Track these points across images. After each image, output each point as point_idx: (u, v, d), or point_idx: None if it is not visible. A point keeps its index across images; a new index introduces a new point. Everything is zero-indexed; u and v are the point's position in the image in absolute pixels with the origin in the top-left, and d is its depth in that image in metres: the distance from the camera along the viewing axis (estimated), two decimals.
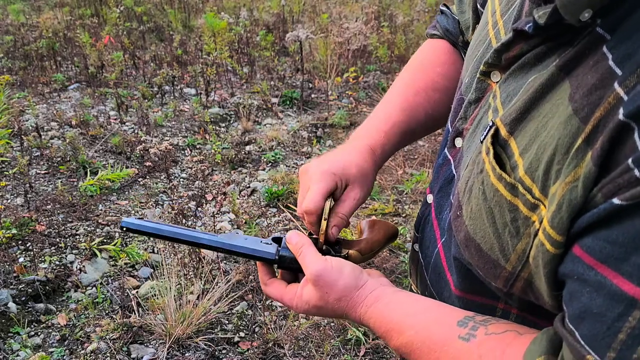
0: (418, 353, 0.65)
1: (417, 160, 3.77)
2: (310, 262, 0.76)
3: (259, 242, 0.84)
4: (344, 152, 0.88)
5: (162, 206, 3.21)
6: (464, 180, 0.64)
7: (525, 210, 0.54)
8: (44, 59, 5.24)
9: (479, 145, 0.62)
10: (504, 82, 0.63)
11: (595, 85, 0.48)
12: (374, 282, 0.75)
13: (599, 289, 0.46)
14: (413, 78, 0.97)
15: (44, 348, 2.23)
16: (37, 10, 7.02)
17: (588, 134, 0.47)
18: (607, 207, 0.45)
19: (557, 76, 0.54)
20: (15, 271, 2.54)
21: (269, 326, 2.34)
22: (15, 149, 3.66)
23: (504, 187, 0.56)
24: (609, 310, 0.45)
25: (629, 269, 0.43)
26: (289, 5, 6.64)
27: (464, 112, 0.71)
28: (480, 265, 0.61)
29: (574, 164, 0.48)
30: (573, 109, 0.50)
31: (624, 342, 0.44)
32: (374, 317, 0.71)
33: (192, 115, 4.34)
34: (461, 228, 0.63)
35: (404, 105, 0.93)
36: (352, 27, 5.39)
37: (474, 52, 0.75)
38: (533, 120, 0.55)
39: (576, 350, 0.48)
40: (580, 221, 0.47)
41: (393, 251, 2.84)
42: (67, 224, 2.98)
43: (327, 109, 4.46)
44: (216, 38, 5.11)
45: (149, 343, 2.26)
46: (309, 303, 0.76)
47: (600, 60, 0.49)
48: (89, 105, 4.41)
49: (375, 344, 2.30)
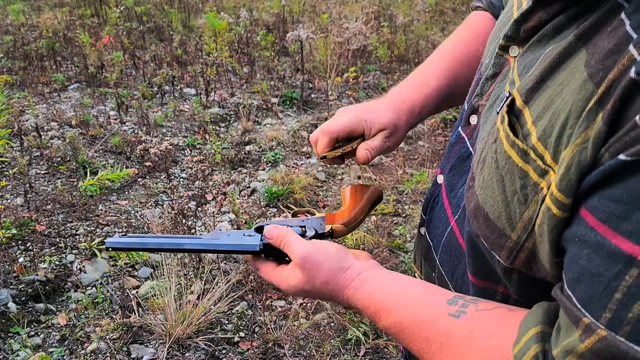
0: (407, 332, 0.65)
1: (417, 160, 3.77)
2: (296, 247, 0.77)
3: (242, 235, 0.85)
4: (381, 105, 0.92)
5: (162, 206, 3.21)
6: (479, 152, 0.64)
7: (535, 176, 0.53)
8: (44, 59, 5.24)
9: (495, 117, 0.62)
10: (521, 55, 0.63)
11: (612, 50, 0.48)
12: (361, 264, 0.76)
13: (598, 250, 0.46)
14: (457, 46, 0.99)
15: (44, 348, 2.23)
16: (37, 10, 7.02)
17: (600, 95, 0.47)
18: (613, 164, 0.44)
19: (575, 45, 0.54)
20: (15, 271, 2.54)
21: (269, 326, 2.34)
22: (15, 149, 3.66)
23: (516, 153, 0.56)
24: (606, 270, 0.45)
25: (629, 228, 0.43)
26: (289, 5, 6.64)
27: (481, 88, 0.72)
28: (487, 234, 0.60)
29: (585, 126, 0.48)
30: (588, 74, 0.49)
31: (620, 301, 0.44)
32: (362, 298, 0.72)
33: (192, 115, 4.34)
34: (472, 198, 0.63)
35: (445, 71, 0.95)
36: (352, 27, 5.39)
37: (495, 33, 0.75)
38: (548, 89, 0.55)
39: (572, 314, 0.48)
40: (587, 180, 0.47)
41: (393, 251, 2.84)
42: (67, 224, 2.97)
43: (327, 109, 4.46)
44: (216, 38, 5.11)
45: (149, 343, 2.26)
46: (297, 286, 0.76)
47: (617, 26, 0.49)
48: (88, 105, 4.41)
49: (375, 344, 2.30)
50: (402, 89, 0.96)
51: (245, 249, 0.84)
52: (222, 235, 0.85)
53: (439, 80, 0.94)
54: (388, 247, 2.84)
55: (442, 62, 0.96)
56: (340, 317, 2.40)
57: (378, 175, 3.57)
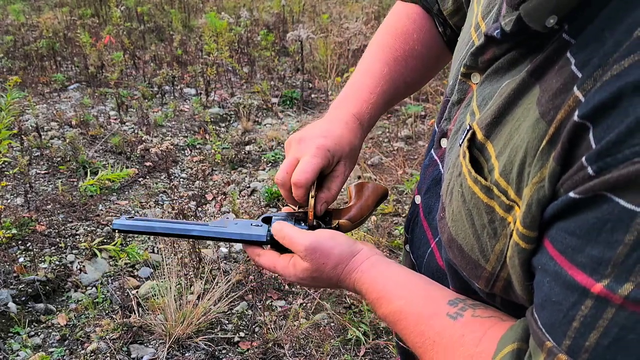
0: (404, 323, 0.66)
1: (417, 160, 3.77)
2: (299, 239, 0.77)
3: (250, 225, 0.85)
4: (333, 125, 0.88)
5: (162, 206, 3.21)
6: (446, 182, 0.65)
7: (501, 211, 0.55)
8: (44, 59, 5.24)
9: (458, 149, 0.63)
10: (480, 85, 0.64)
11: (560, 89, 0.49)
12: (369, 250, 0.77)
13: (557, 279, 0.48)
14: (391, 44, 0.96)
15: (44, 348, 2.23)
16: (37, 10, 7.02)
17: (551, 135, 0.49)
18: (565, 200, 0.46)
19: (528, 81, 0.55)
20: (15, 271, 2.54)
21: (269, 326, 2.34)
22: (16, 149, 3.66)
23: (479, 189, 0.57)
24: (564, 299, 0.47)
25: (583, 260, 0.45)
26: (289, 5, 6.64)
27: (448, 112, 0.72)
28: (463, 265, 0.62)
29: (540, 165, 0.50)
30: (540, 113, 0.51)
31: (577, 330, 0.46)
32: (367, 282, 0.72)
33: (192, 115, 4.34)
34: (445, 229, 0.64)
35: (386, 75, 0.93)
36: (352, 27, 5.39)
37: (457, 54, 0.75)
38: (507, 124, 0.56)
39: (538, 337, 0.50)
40: (546, 212, 0.49)
41: (393, 251, 2.84)
42: (67, 224, 2.98)
43: (327, 109, 4.45)
44: (217, 38, 5.11)
45: (149, 343, 2.26)
46: (304, 273, 0.76)
47: (564, 64, 0.50)
48: (89, 105, 4.41)
49: (375, 344, 2.30)
50: (348, 101, 0.92)
51: (253, 239, 0.84)
52: (229, 223, 0.85)
53: (382, 87, 0.92)
54: (388, 247, 2.84)
55: (382, 65, 0.93)
56: (340, 317, 2.40)
57: (378, 175, 3.57)
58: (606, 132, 0.43)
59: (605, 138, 0.43)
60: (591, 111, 0.45)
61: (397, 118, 4.39)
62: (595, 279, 0.44)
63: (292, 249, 0.78)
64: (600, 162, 0.43)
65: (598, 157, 0.44)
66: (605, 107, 0.44)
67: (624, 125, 0.42)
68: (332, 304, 2.49)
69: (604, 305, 0.44)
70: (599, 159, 0.43)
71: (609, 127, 0.43)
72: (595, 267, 0.44)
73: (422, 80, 1.02)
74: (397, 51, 0.95)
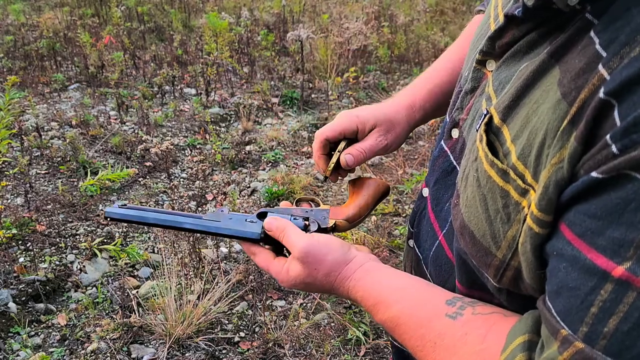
0: (404, 328, 0.65)
1: (417, 160, 3.77)
2: (296, 241, 0.76)
3: (244, 220, 0.83)
4: (379, 104, 0.94)
5: (163, 206, 3.21)
6: (462, 168, 0.64)
7: (516, 195, 0.54)
8: (44, 59, 5.24)
9: (475, 134, 0.63)
10: (496, 70, 0.63)
11: (583, 69, 0.48)
12: (364, 257, 0.76)
13: (574, 264, 0.46)
14: (459, 44, 1.01)
15: (44, 348, 2.23)
16: (38, 10, 7.02)
17: (573, 115, 0.48)
18: (586, 180, 0.45)
19: (548, 63, 0.54)
20: (15, 271, 2.54)
21: (269, 326, 2.34)
22: (16, 149, 3.66)
23: (496, 173, 0.56)
24: (582, 284, 0.45)
25: (603, 243, 0.44)
26: (290, 5, 6.64)
27: (461, 102, 0.72)
28: (473, 253, 0.61)
29: (560, 146, 0.48)
30: (561, 93, 0.50)
31: (596, 315, 0.44)
32: (362, 290, 0.72)
33: (192, 115, 4.34)
34: (458, 216, 0.63)
35: (449, 70, 0.96)
36: (353, 27, 5.39)
37: (473, 44, 0.75)
38: (525, 107, 0.55)
39: (552, 325, 0.48)
40: (565, 194, 0.48)
41: (393, 251, 2.84)
42: (67, 224, 2.98)
43: (328, 109, 4.46)
44: (217, 38, 5.11)
45: (149, 343, 2.26)
46: (297, 279, 0.76)
47: (588, 44, 0.49)
48: (89, 105, 4.41)
49: (376, 344, 2.30)
50: (406, 88, 0.98)
51: (246, 235, 0.82)
52: (223, 217, 0.83)
53: (442, 78, 0.95)
54: (388, 247, 2.84)
55: (447, 62, 0.98)
56: (340, 317, 2.40)
57: (378, 175, 3.57)
58: (632, 109, 0.42)
59: (632, 114, 0.42)
60: (617, 87, 0.43)
61: None
62: (617, 262, 0.43)
63: (289, 247, 0.78)
64: (626, 140, 0.42)
65: (623, 134, 0.42)
66: (632, 82, 0.43)
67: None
68: (332, 304, 2.49)
69: (624, 289, 0.42)
70: (624, 137, 0.42)
71: (636, 104, 0.42)
72: (616, 249, 0.43)
73: None
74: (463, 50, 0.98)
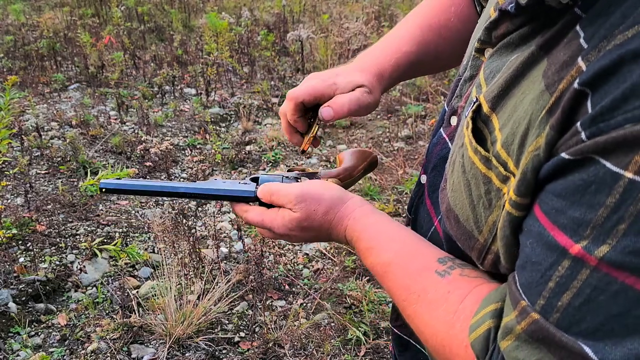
0: (391, 276, 0.67)
1: (417, 160, 3.77)
2: (290, 191, 0.77)
3: (237, 183, 0.86)
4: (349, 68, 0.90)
5: (162, 206, 3.21)
6: (451, 154, 0.66)
7: (498, 182, 0.56)
8: (44, 59, 5.24)
9: (464, 120, 0.64)
10: (489, 58, 0.64)
11: (566, 62, 0.50)
12: (360, 199, 0.77)
13: (539, 240, 0.49)
14: (427, 12, 0.97)
15: (44, 348, 2.23)
16: (38, 10, 7.02)
17: (551, 104, 0.49)
18: (555, 161, 0.47)
19: (537, 55, 0.55)
20: (15, 271, 2.54)
21: (269, 326, 2.34)
22: (16, 149, 3.66)
23: (479, 160, 0.58)
24: (544, 260, 0.48)
25: (565, 221, 0.46)
26: (290, 5, 6.64)
27: (460, 90, 0.73)
28: (458, 235, 0.63)
29: (537, 134, 0.50)
30: (545, 85, 0.52)
31: (552, 290, 0.47)
32: (358, 230, 0.73)
33: (192, 115, 4.34)
34: (444, 199, 0.65)
35: (418, 37, 0.93)
36: (353, 27, 5.39)
37: (475, 33, 0.76)
38: (513, 97, 0.57)
39: (514, 296, 0.51)
40: (540, 175, 0.50)
41: None
42: (67, 224, 2.98)
43: None
44: (217, 38, 5.11)
45: (149, 343, 2.26)
46: (292, 222, 0.76)
47: (573, 38, 0.51)
48: (89, 105, 4.41)
49: (376, 344, 2.30)
50: (374, 52, 0.94)
51: (242, 194, 0.84)
52: (217, 182, 0.86)
53: (410, 47, 0.92)
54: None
55: (415, 29, 0.95)
56: (340, 317, 2.40)
57: (378, 175, 3.57)
58: (602, 98, 0.44)
59: (600, 104, 0.44)
60: (591, 78, 0.45)
61: (398, 118, 4.39)
62: (575, 240, 0.45)
63: (282, 201, 0.78)
64: (594, 128, 0.44)
65: (592, 122, 0.44)
66: (604, 73, 0.44)
67: (619, 91, 0.43)
68: (333, 304, 2.49)
69: (579, 266, 0.45)
70: (592, 124, 0.44)
71: (606, 93, 0.44)
72: (575, 228, 0.45)
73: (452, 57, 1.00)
74: (432, 19, 0.95)
